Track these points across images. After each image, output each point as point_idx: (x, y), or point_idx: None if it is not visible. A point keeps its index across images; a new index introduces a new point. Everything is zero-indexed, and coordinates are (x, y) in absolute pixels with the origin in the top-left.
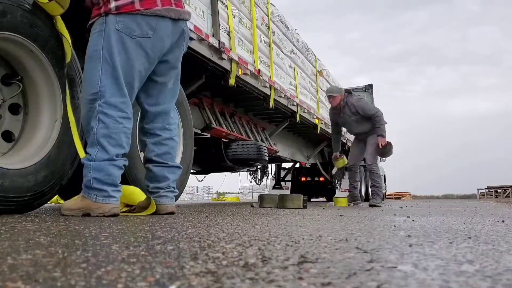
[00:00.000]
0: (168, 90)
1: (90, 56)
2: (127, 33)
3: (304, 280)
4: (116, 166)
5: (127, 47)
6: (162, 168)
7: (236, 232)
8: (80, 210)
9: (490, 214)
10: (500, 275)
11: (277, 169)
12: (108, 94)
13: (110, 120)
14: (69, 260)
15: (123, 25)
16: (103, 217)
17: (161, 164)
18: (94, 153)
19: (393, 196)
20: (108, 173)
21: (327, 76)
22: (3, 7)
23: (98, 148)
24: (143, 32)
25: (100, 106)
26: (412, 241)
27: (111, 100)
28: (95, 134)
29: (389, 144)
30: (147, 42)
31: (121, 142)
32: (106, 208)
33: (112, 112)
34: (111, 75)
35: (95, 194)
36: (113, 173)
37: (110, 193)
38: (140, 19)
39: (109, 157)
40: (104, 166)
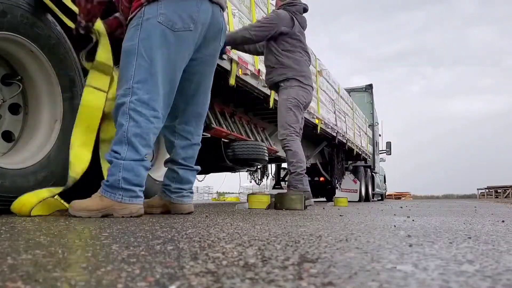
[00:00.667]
0: (201, 88)
1: (124, 51)
2: (169, 26)
3: (304, 280)
4: (144, 166)
5: (168, 41)
6: (186, 171)
7: (236, 232)
8: (101, 211)
9: (490, 214)
10: (500, 275)
11: (277, 169)
12: (142, 91)
13: (143, 119)
14: (69, 260)
15: (165, 17)
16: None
17: (186, 167)
18: (124, 152)
19: (393, 196)
20: (137, 174)
21: (327, 76)
22: (3, 7)
23: (128, 147)
24: (185, 25)
25: (131, 103)
26: (412, 241)
27: (144, 97)
28: (126, 132)
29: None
30: (188, 36)
31: (150, 142)
32: (133, 209)
33: (144, 111)
34: (146, 71)
35: (121, 194)
36: (141, 173)
37: (138, 193)
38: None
39: (140, 157)
40: (134, 166)
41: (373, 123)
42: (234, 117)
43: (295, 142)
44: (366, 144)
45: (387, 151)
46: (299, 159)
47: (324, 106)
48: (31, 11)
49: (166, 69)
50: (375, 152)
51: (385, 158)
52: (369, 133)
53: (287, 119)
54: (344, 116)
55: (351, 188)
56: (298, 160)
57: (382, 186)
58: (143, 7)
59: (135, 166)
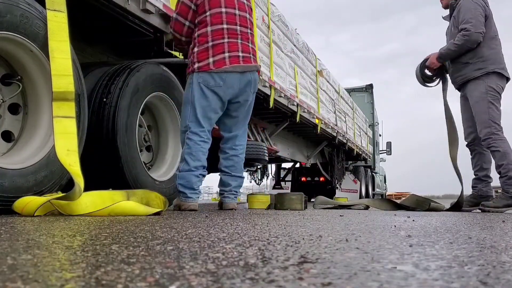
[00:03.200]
0: (239, 121)
1: (183, 102)
2: (205, 85)
3: (304, 281)
4: (194, 174)
5: (205, 94)
6: (227, 176)
7: (236, 232)
8: (177, 206)
9: (490, 214)
10: (500, 275)
11: (277, 169)
12: (192, 127)
13: (192, 143)
14: (69, 260)
15: (203, 79)
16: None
17: (226, 174)
18: (181, 166)
19: (393, 196)
20: (188, 180)
21: (327, 76)
22: (3, 6)
23: (183, 162)
24: (216, 83)
25: (187, 134)
26: (413, 241)
27: (194, 130)
28: (183, 153)
29: None
30: (219, 89)
31: (199, 158)
32: (187, 205)
33: (194, 138)
34: (193, 114)
35: (181, 195)
36: (191, 179)
37: (188, 195)
38: (214, 74)
39: (189, 168)
40: (185, 175)
41: (373, 123)
42: None
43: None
44: (366, 144)
45: (387, 151)
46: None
47: (324, 106)
48: (31, 11)
49: (205, 111)
50: (375, 152)
51: (385, 158)
52: (369, 133)
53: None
54: (344, 116)
55: (351, 188)
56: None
57: (382, 186)
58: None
59: (187, 175)
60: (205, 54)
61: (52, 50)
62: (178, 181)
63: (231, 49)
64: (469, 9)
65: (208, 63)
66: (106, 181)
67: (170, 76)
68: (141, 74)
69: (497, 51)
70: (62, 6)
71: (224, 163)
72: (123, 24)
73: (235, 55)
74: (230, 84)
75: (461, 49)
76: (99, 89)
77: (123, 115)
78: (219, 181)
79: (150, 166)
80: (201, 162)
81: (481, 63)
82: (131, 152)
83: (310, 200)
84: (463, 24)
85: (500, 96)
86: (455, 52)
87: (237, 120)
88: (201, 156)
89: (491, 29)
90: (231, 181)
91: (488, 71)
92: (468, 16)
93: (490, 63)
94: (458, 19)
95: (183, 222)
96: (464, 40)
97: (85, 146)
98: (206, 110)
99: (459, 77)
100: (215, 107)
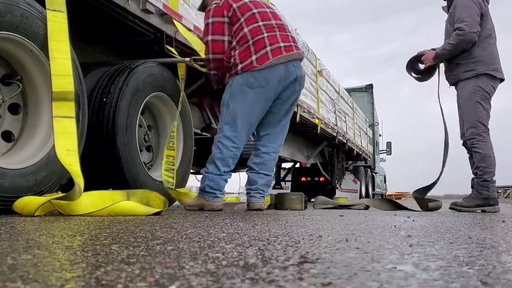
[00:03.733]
0: (276, 119)
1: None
2: (249, 86)
3: (304, 281)
4: (223, 179)
5: (247, 95)
6: (254, 174)
7: (236, 232)
8: (197, 206)
9: (490, 214)
10: (500, 275)
11: (277, 169)
12: (226, 130)
13: (225, 148)
14: (69, 260)
15: (245, 80)
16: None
17: (254, 171)
18: (211, 169)
19: (393, 196)
20: (217, 183)
21: (327, 76)
22: (3, 6)
23: (213, 166)
24: (259, 83)
25: (219, 137)
26: (413, 241)
27: (227, 134)
28: (213, 156)
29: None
30: (262, 91)
31: (229, 163)
32: (214, 205)
33: (227, 143)
34: (230, 116)
35: (207, 196)
36: (220, 183)
37: (217, 195)
38: (256, 75)
39: (219, 173)
40: (215, 178)
41: (373, 123)
42: None
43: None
44: (366, 144)
45: (387, 151)
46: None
47: (324, 106)
48: (31, 11)
49: (246, 114)
50: (375, 152)
51: (385, 158)
52: (369, 133)
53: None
54: (344, 116)
55: (351, 188)
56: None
57: (382, 186)
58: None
59: (216, 178)
60: (247, 53)
61: (52, 50)
62: (207, 182)
63: (272, 42)
64: (464, 7)
65: (251, 61)
66: (106, 181)
67: (170, 76)
68: (141, 74)
69: (490, 52)
70: (62, 6)
71: (254, 160)
72: (123, 24)
73: (277, 47)
74: (274, 82)
75: (456, 49)
76: (99, 89)
77: (123, 115)
78: (247, 179)
79: (150, 166)
80: (231, 168)
81: (472, 64)
82: (131, 152)
83: (310, 200)
84: (458, 23)
85: (490, 96)
86: (450, 52)
87: (274, 117)
88: (231, 162)
89: (486, 28)
90: (258, 179)
91: (478, 73)
92: (464, 15)
93: (481, 64)
94: (454, 16)
95: (183, 222)
96: (459, 39)
97: (85, 146)
98: (248, 115)
99: (451, 76)
100: (258, 110)
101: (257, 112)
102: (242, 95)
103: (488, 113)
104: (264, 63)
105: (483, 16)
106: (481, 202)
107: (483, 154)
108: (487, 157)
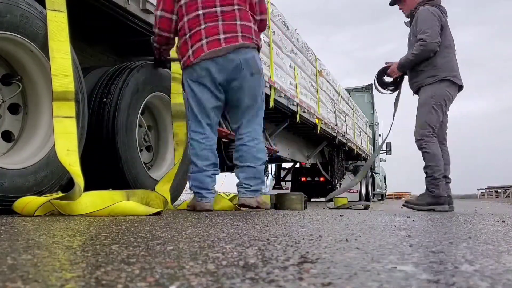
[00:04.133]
0: (241, 109)
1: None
2: (191, 79)
3: (304, 281)
4: (206, 175)
5: (193, 88)
6: (237, 170)
7: (236, 232)
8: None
9: (490, 214)
10: (500, 275)
11: (277, 169)
12: (192, 125)
13: (195, 142)
14: (69, 260)
15: (187, 74)
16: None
17: (237, 167)
18: (191, 169)
19: (393, 196)
20: (201, 181)
21: (327, 76)
22: (3, 6)
23: (192, 164)
24: (198, 74)
25: (189, 135)
26: (413, 241)
27: (194, 128)
28: (189, 154)
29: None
30: (204, 79)
31: (206, 156)
32: (203, 205)
33: (195, 137)
34: (191, 112)
35: (197, 196)
36: (204, 180)
37: (204, 195)
38: (195, 67)
39: (198, 169)
40: (197, 176)
41: (373, 123)
42: None
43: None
44: (366, 144)
45: (388, 151)
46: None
47: (324, 106)
48: (31, 11)
49: (198, 106)
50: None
51: (385, 158)
52: (369, 133)
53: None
54: (344, 116)
55: (351, 188)
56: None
57: (382, 186)
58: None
59: (199, 176)
60: (185, 48)
61: (52, 50)
62: (191, 183)
63: (209, 34)
64: (425, 19)
65: (188, 56)
66: (106, 181)
67: (170, 76)
68: (141, 74)
69: (449, 59)
70: (62, 6)
71: (234, 155)
72: (123, 24)
73: (214, 39)
74: (215, 71)
75: (419, 58)
76: (99, 89)
77: (123, 115)
78: None
79: (150, 166)
80: (210, 161)
81: (434, 71)
82: (131, 152)
83: (310, 200)
84: (420, 34)
85: (446, 103)
86: (413, 62)
87: (239, 108)
88: (207, 154)
89: (446, 38)
90: (239, 173)
91: (440, 78)
92: (425, 27)
93: (442, 71)
94: (416, 28)
95: (183, 222)
96: (421, 49)
97: (85, 146)
98: (200, 105)
99: (414, 83)
100: (207, 98)
101: (208, 99)
102: (190, 89)
103: (439, 119)
104: (199, 56)
105: (443, 27)
106: (432, 201)
107: (431, 154)
108: (435, 156)
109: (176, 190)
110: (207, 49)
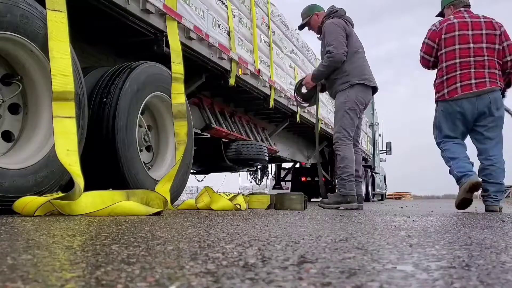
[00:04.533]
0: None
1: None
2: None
3: (304, 280)
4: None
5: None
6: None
7: (236, 232)
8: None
9: (490, 214)
10: (500, 275)
11: (277, 169)
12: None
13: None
14: (69, 260)
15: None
16: None
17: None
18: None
19: (393, 196)
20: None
21: None
22: (3, 6)
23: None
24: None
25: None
26: (413, 241)
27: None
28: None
29: None
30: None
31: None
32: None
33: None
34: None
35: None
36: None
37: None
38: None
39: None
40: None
41: (373, 123)
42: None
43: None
44: (366, 144)
45: (387, 151)
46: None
47: (324, 106)
48: (31, 11)
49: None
50: (375, 152)
51: (385, 158)
52: (369, 133)
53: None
54: None
55: None
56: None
57: (382, 186)
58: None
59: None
60: (441, 87)
61: (52, 50)
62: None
63: (463, 79)
64: (330, 32)
65: (443, 94)
66: (106, 181)
67: (170, 76)
68: (141, 74)
69: (358, 64)
70: (62, 6)
71: (482, 172)
72: (123, 24)
73: (467, 83)
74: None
75: (329, 69)
76: (99, 89)
77: (123, 115)
78: None
79: (150, 166)
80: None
81: (345, 77)
82: (131, 152)
83: (310, 200)
84: (327, 47)
85: (359, 106)
86: (324, 73)
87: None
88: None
89: (353, 45)
90: (489, 187)
91: (352, 83)
92: (330, 39)
93: (352, 76)
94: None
95: (183, 222)
96: (329, 61)
97: (85, 146)
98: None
99: (331, 90)
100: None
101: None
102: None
103: (353, 123)
104: (453, 96)
105: (348, 36)
106: (339, 199)
107: (342, 156)
108: (345, 158)
109: (176, 190)
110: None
